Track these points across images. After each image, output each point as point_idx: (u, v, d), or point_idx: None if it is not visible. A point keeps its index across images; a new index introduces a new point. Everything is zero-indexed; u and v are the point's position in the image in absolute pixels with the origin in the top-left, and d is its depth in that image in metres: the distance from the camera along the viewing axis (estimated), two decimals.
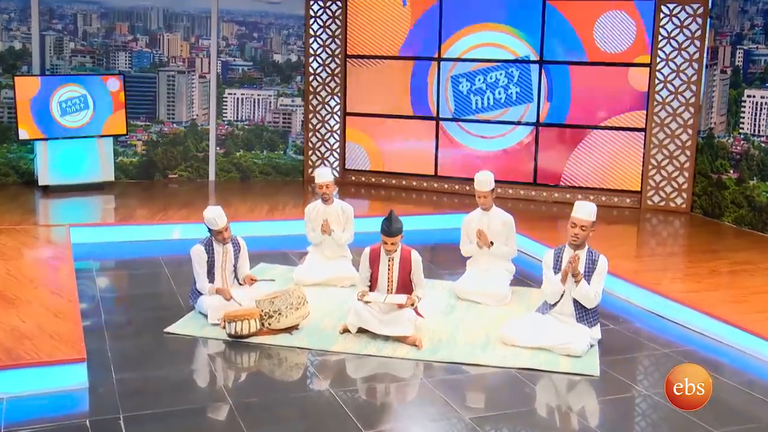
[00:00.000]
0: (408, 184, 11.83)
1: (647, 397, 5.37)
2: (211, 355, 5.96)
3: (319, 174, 7.62)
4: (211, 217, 6.44)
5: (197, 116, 11.79)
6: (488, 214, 7.31)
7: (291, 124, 12.17)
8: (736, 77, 10.01)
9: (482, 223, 7.29)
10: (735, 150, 10.03)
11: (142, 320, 6.55)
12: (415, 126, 11.72)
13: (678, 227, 10.21)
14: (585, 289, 5.93)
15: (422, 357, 5.95)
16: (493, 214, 7.30)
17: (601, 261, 6.03)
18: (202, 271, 6.49)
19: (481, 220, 7.31)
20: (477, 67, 11.36)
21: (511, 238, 7.32)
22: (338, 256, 7.71)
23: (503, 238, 7.28)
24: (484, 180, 7.21)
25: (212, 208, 6.49)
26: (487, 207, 7.27)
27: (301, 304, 6.34)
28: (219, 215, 6.46)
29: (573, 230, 5.97)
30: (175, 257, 8.21)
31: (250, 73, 11.93)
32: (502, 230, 7.26)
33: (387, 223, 6.16)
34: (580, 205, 6.01)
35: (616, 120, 10.89)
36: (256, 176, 12.11)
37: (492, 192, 7.23)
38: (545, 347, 6.03)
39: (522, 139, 11.35)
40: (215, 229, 6.45)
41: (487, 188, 7.19)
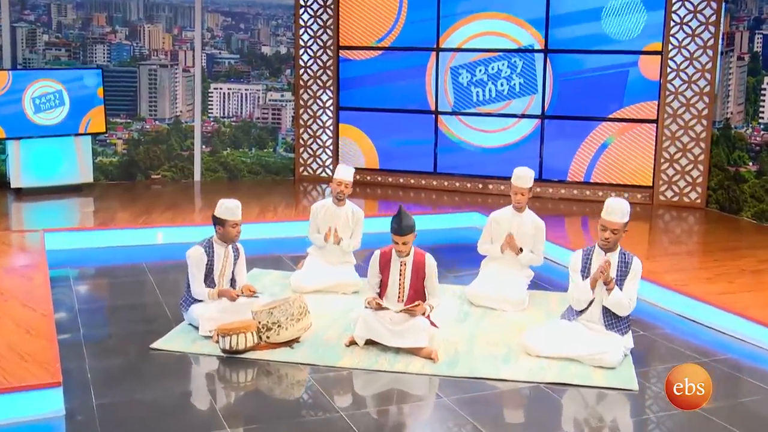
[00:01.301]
0: (406, 182, 11.50)
1: (696, 414, 4.83)
2: (203, 373, 5.48)
3: (340, 170, 7.14)
4: (232, 206, 5.95)
5: (181, 113, 11.45)
6: (520, 216, 6.85)
7: (281, 120, 11.86)
8: (755, 64, 9.66)
9: (513, 224, 6.84)
10: (755, 141, 9.67)
11: (126, 335, 6.04)
12: (413, 120, 11.37)
13: (694, 223, 9.84)
14: (618, 296, 5.46)
15: (439, 372, 5.46)
16: (526, 217, 6.86)
17: (635, 264, 5.55)
18: (200, 275, 5.99)
19: (512, 221, 6.86)
20: (478, 57, 11.01)
21: (539, 245, 6.88)
22: (341, 261, 7.23)
23: (530, 244, 6.84)
24: (524, 175, 6.75)
25: (233, 200, 6.03)
26: (522, 207, 6.81)
27: (303, 314, 5.83)
28: (238, 206, 6.00)
29: (603, 234, 5.48)
30: (160, 264, 7.85)
31: (236, 67, 11.65)
32: (532, 235, 6.83)
33: (397, 221, 5.66)
34: (612, 205, 5.50)
35: (625, 111, 10.55)
36: (245, 176, 11.79)
37: (530, 190, 6.77)
38: (574, 358, 5.56)
39: (526, 133, 10.99)
40: (231, 220, 5.93)
41: (528, 185, 6.74)
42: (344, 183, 7.04)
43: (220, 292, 5.94)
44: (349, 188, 7.08)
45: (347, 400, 5.08)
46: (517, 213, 6.81)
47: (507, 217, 6.85)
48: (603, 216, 5.48)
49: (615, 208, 5.45)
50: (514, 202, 6.77)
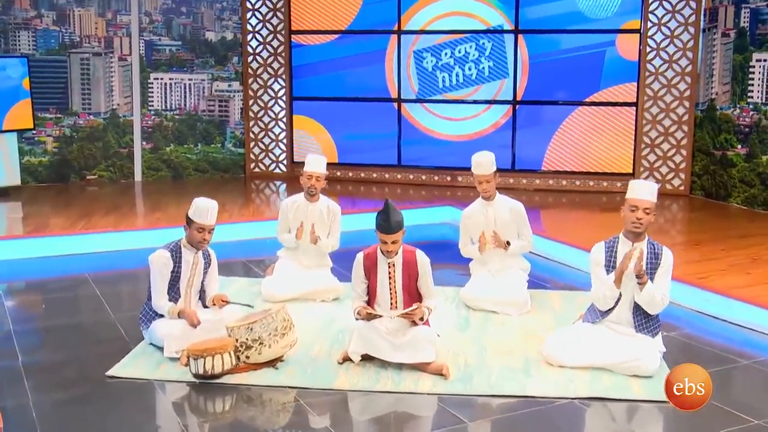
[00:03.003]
0: (367, 177, 11.14)
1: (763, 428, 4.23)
2: (172, 403, 4.71)
3: (311, 161, 6.45)
4: (203, 208, 5.20)
5: (118, 106, 10.96)
6: (492, 205, 6.25)
7: (229, 112, 11.49)
8: (742, 40, 9.32)
9: (487, 216, 6.24)
10: (743, 122, 9.33)
11: (75, 361, 5.21)
12: (374, 110, 11.02)
13: (681, 212, 9.43)
14: (651, 291, 4.89)
15: (454, 390, 4.76)
16: (498, 204, 6.26)
17: (665, 255, 5.00)
18: (163, 284, 5.20)
19: (485, 213, 6.26)
20: (443, 39, 10.69)
21: (524, 228, 6.29)
22: (317, 264, 6.53)
23: (514, 231, 6.26)
24: (484, 161, 6.13)
25: (208, 199, 5.29)
26: (490, 195, 6.20)
27: (287, 329, 5.06)
28: (214, 208, 5.25)
29: (634, 215, 4.91)
30: (107, 274, 7.14)
31: (178, 55, 11.23)
32: (512, 221, 6.25)
33: (383, 217, 4.99)
34: (640, 183, 5.02)
35: (603, 94, 10.27)
36: (190, 174, 11.37)
37: (495, 175, 6.18)
38: (604, 367, 4.97)
39: (497, 120, 10.68)
40: (198, 223, 5.19)
41: (489, 170, 6.12)
42: (315, 176, 6.38)
43: (181, 312, 5.15)
44: (321, 181, 6.43)
45: (348, 429, 4.44)
46: (488, 203, 6.24)
47: (479, 211, 6.28)
48: (632, 196, 4.96)
49: (644, 186, 4.99)
50: (480, 192, 6.22)
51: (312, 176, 6.35)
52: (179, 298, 5.24)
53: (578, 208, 9.63)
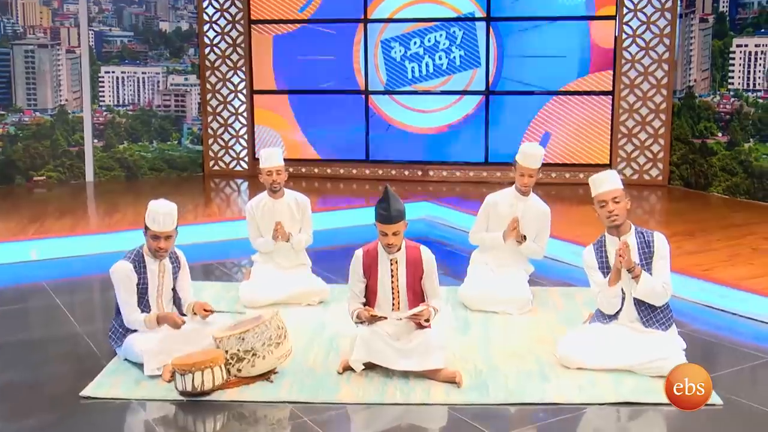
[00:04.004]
0: (334, 173, 10.87)
1: None
2: (157, 425, 4.21)
3: (266, 156, 6.08)
4: (156, 212, 4.68)
5: (67, 101, 10.62)
6: (525, 201, 5.91)
7: (185, 107, 11.23)
8: (721, 25, 9.18)
9: (516, 209, 5.91)
10: (723, 109, 9.19)
11: (43, 381, 4.71)
12: (340, 102, 10.81)
13: (659, 202, 9.26)
14: (648, 283, 4.63)
15: (470, 400, 4.37)
16: (531, 202, 5.94)
17: (657, 241, 4.75)
18: (131, 298, 4.70)
19: (515, 205, 5.92)
20: (412, 28, 10.50)
21: (543, 234, 6.00)
22: (295, 265, 6.14)
23: (534, 232, 5.95)
24: (534, 153, 5.81)
25: (164, 202, 4.77)
26: (529, 191, 5.91)
27: (282, 337, 4.61)
28: (167, 213, 4.70)
29: (605, 210, 4.69)
30: (67, 282, 6.65)
31: (131, 46, 10.94)
32: (537, 223, 5.95)
33: (383, 206, 4.60)
34: (598, 177, 4.76)
35: (578, 83, 10.11)
36: (146, 174, 11.05)
37: (539, 171, 5.88)
38: (626, 368, 4.66)
39: (469, 111, 10.48)
40: (157, 231, 4.69)
41: (537, 165, 5.82)
42: (275, 170, 6.01)
43: (159, 318, 4.66)
44: (282, 174, 6.05)
45: None
46: (522, 197, 5.91)
47: (509, 201, 5.92)
48: (595, 192, 4.73)
49: (603, 177, 4.74)
50: (520, 185, 5.86)
51: (272, 171, 6.01)
52: (151, 310, 4.75)
53: (555, 201, 9.25)
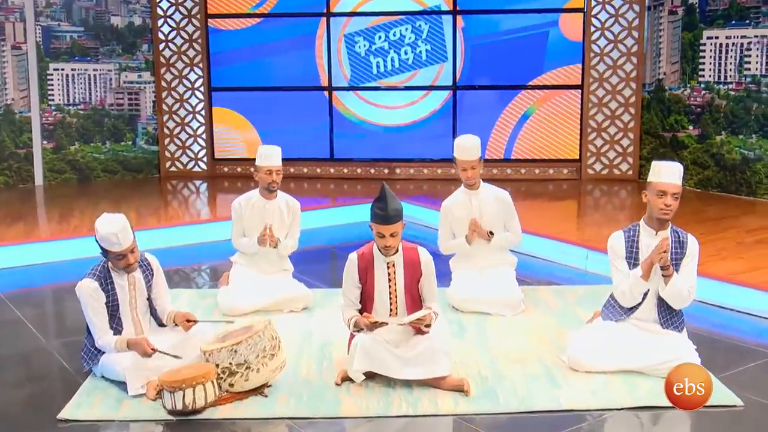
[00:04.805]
0: (297, 172, 10.47)
1: None
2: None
3: (266, 154, 5.78)
4: (109, 233, 4.25)
5: (13, 101, 10.20)
6: (476, 194, 5.72)
7: (140, 106, 10.89)
8: (691, 17, 9.12)
9: (470, 206, 5.71)
10: (694, 102, 9.14)
11: (12, 404, 4.29)
12: (302, 99, 10.55)
13: (630, 197, 9.15)
14: (678, 284, 4.44)
15: (481, 409, 4.14)
16: (483, 193, 5.74)
17: (691, 243, 4.55)
18: (100, 319, 4.32)
19: (468, 203, 5.73)
20: (376, 22, 10.29)
21: (512, 220, 5.79)
22: (278, 270, 5.86)
23: (501, 222, 5.75)
24: (467, 145, 5.59)
25: (110, 218, 4.34)
26: (474, 184, 5.69)
27: (276, 348, 4.30)
28: (122, 229, 4.28)
29: (662, 201, 4.44)
30: (26, 293, 6.25)
31: (81, 42, 10.54)
32: (498, 211, 5.74)
33: (380, 205, 4.33)
34: (667, 165, 4.49)
35: (547, 77, 9.97)
36: (99, 176, 10.64)
37: (480, 161, 5.66)
38: (638, 369, 4.49)
39: (436, 107, 10.29)
40: (116, 252, 4.28)
41: (474, 156, 5.61)
42: (275, 170, 5.73)
43: (129, 343, 4.27)
44: (280, 175, 5.78)
45: None
46: (472, 192, 5.72)
47: (461, 201, 5.74)
48: (658, 180, 4.45)
49: (672, 168, 4.46)
50: (464, 180, 5.68)
51: (271, 171, 5.71)
52: (123, 329, 4.37)
53: (526, 198, 9.20)
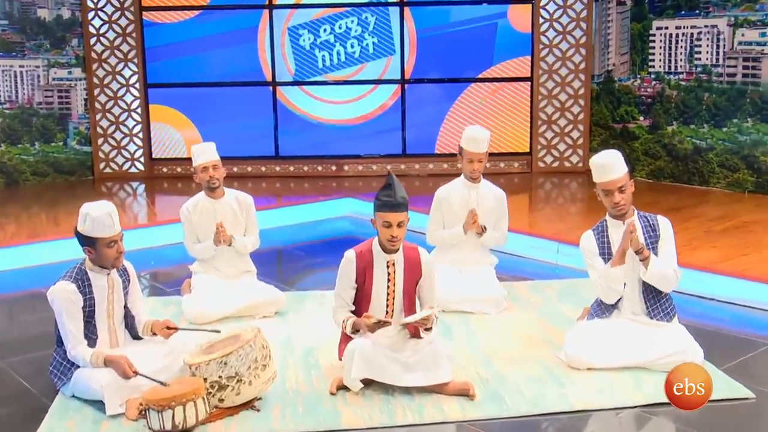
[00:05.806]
0: (241, 171, 10.10)
1: None
2: None
3: (198, 151, 5.50)
4: (104, 214, 3.99)
5: None
6: (477, 188, 5.53)
7: (70, 104, 10.37)
8: (640, 8, 9.13)
9: (469, 199, 5.52)
10: (644, 93, 9.14)
11: None
12: (245, 95, 10.18)
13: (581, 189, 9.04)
14: (659, 265, 4.36)
15: (489, 414, 3.96)
16: (483, 189, 5.56)
17: (662, 224, 4.52)
18: (76, 326, 3.96)
19: (467, 195, 5.53)
20: (321, 14, 10.00)
21: (503, 221, 5.65)
22: (241, 272, 5.57)
23: (493, 220, 5.58)
24: (480, 137, 5.43)
25: (97, 203, 4.07)
26: (478, 177, 5.52)
27: (267, 358, 4.01)
28: (114, 210, 4.05)
29: (609, 199, 4.41)
30: None
31: (5, 36, 10.05)
32: (494, 210, 5.59)
33: (388, 192, 4.13)
34: (599, 165, 4.40)
35: (496, 69, 9.81)
36: (28, 179, 10.08)
37: (486, 155, 5.50)
38: (641, 365, 4.39)
39: (385, 101, 10.02)
40: (106, 237, 3.98)
41: (484, 148, 5.44)
42: (211, 165, 5.42)
43: (107, 360, 3.90)
44: (220, 169, 5.47)
45: None
46: (473, 185, 5.53)
47: (460, 192, 5.54)
48: (599, 180, 4.40)
49: (609, 163, 4.37)
50: (469, 172, 5.48)
51: (207, 167, 5.40)
52: (98, 338, 4.03)
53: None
